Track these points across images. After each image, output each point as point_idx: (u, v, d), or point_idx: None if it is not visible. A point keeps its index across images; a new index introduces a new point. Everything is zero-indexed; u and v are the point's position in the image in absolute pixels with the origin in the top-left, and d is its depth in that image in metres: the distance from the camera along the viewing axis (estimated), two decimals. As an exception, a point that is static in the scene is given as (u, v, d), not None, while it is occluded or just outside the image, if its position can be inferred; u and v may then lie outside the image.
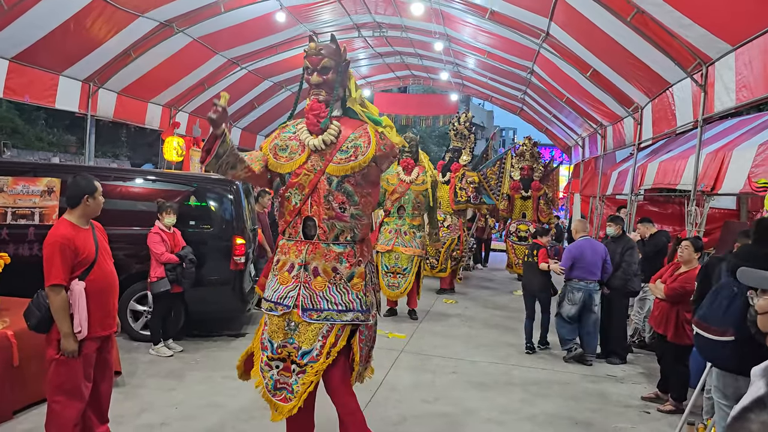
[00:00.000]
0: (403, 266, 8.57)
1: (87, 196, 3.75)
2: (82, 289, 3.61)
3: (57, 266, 3.55)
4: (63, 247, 3.57)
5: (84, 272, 3.66)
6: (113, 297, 3.93)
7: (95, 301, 3.69)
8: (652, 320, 6.01)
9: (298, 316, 3.56)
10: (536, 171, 13.31)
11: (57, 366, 3.63)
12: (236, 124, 16.22)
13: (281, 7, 10.58)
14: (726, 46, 6.13)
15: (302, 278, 3.59)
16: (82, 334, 3.60)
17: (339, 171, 3.62)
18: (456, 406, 5.37)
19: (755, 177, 5.51)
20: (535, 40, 9.66)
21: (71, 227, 3.70)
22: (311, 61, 3.70)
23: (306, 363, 3.55)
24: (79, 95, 9.98)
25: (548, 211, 13.25)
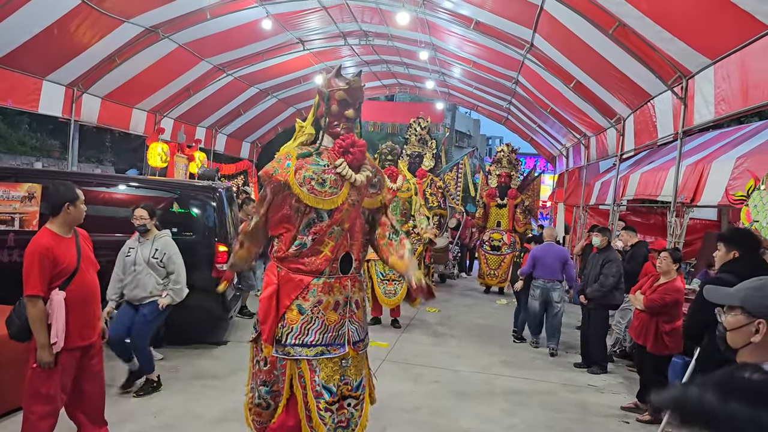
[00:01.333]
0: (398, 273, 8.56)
1: (68, 204, 3.70)
2: (62, 299, 3.56)
3: (35, 277, 3.51)
4: (42, 257, 3.53)
5: (64, 282, 3.62)
6: (94, 306, 3.89)
7: (75, 311, 3.64)
8: (632, 331, 6.07)
9: (352, 351, 3.58)
10: (514, 178, 12.99)
11: (33, 375, 3.59)
12: (222, 131, 16.17)
13: (268, 15, 10.58)
14: (705, 60, 6.23)
15: (348, 314, 3.61)
16: (57, 346, 3.55)
17: (372, 204, 3.78)
18: (437, 416, 5.38)
19: (733, 189, 5.58)
20: (519, 50, 9.74)
21: (52, 237, 3.65)
22: (353, 95, 3.61)
23: (360, 393, 3.63)
24: (62, 100, 9.90)
25: (524, 221, 12.86)
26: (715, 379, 0.86)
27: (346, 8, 11.27)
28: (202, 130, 15.20)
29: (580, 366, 7.30)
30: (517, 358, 7.61)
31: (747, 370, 0.89)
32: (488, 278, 12.78)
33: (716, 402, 0.81)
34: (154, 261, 5.37)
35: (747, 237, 3.79)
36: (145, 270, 5.35)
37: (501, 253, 12.62)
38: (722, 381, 0.86)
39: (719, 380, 0.86)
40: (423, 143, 12.22)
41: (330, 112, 3.63)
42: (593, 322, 7.16)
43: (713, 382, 0.86)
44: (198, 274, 6.71)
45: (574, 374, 7.06)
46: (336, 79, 3.63)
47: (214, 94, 13.51)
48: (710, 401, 0.81)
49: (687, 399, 0.84)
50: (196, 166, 13.28)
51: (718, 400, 0.81)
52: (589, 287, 7.13)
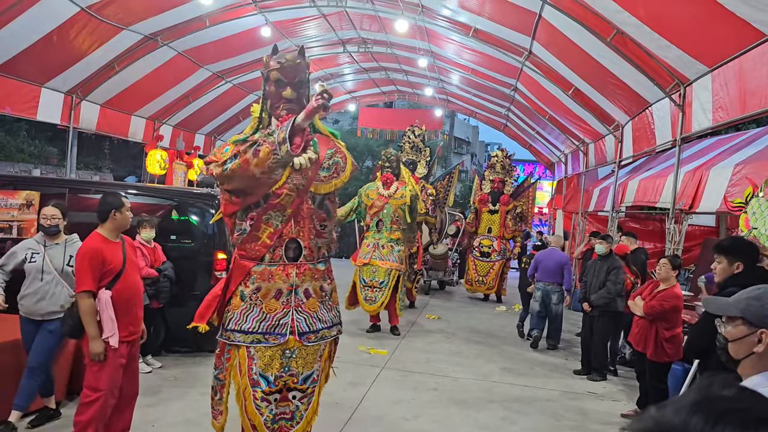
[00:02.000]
0: (380, 280, 8.51)
1: (114, 211, 4.05)
2: (108, 297, 3.87)
3: (86, 274, 3.84)
4: (92, 257, 3.86)
5: (111, 282, 3.93)
6: (138, 305, 4.21)
7: (122, 309, 3.96)
8: (631, 338, 6.05)
9: (296, 342, 3.48)
10: (507, 184, 12.79)
11: (88, 370, 3.93)
12: (221, 138, 16.18)
13: (267, 22, 10.62)
14: (703, 68, 6.25)
15: (293, 303, 3.51)
16: (114, 338, 3.86)
17: (323, 189, 3.60)
18: (437, 424, 5.36)
19: (731, 196, 5.59)
20: (518, 58, 9.77)
21: (102, 239, 4.00)
22: (286, 74, 3.53)
23: (308, 386, 3.54)
24: (61, 107, 9.91)
25: (513, 228, 12.59)
26: (693, 400, 0.81)
27: (345, 16, 11.32)
28: (201, 137, 15.21)
29: (580, 373, 7.29)
30: (516, 365, 7.60)
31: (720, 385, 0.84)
32: (476, 285, 12.51)
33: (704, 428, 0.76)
34: (69, 269, 4.66)
35: (749, 247, 3.75)
36: (57, 280, 4.64)
37: (490, 260, 12.39)
38: (702, 401, 0.80)
39: (698, 400, 0.80)
40: (417, 151, 12.25)
41: (268, 93, 3.60)
42: (596, 329, 7.14)
43: (692, 403, 0.80)
44: (197, 281, 6.71)
45: (573, 381, 7.05)
46: (272, 59, 3.57)
47: (213, 101, 13.54)
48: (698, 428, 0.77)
49: (668, 426, 0.78)
50: (195, 173, 13.28)
51: (705, 426, 0.76)
52: (593, 294, 7.09)
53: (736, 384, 0.83)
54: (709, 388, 0.81)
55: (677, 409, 0.78)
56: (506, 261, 12.55)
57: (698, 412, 0.76)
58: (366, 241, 8.79)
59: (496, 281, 12.38)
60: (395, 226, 8.73)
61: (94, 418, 3.91)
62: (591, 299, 7.10)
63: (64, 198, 6.65)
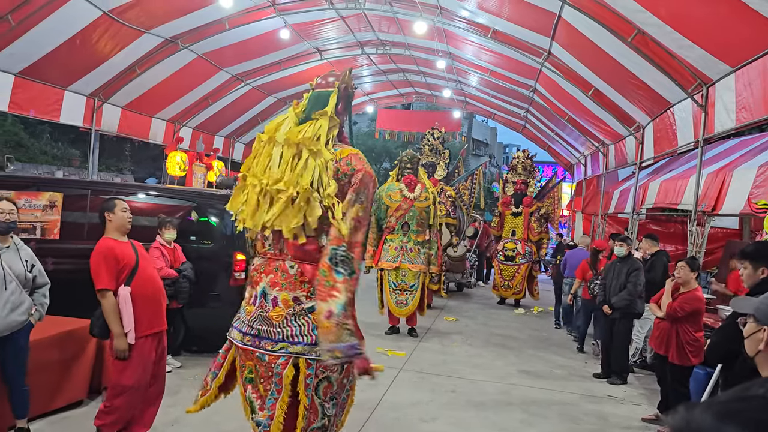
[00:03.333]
0: (411, 283, 8.59)
1: (107, 213, 4.18)
2: (128, 294, 3.99)
3: (103, 273, 3.96)
4: (106, 255, 3.99)
5: (128, 277, 4.05)
6: (160, 298, 4.33)
7: (143, 303, 4.07)
8: (652, 341, 5.99)
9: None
10: (530, 186, 12.55)
11: (113, 366, 4.06)
12: (240, 140, 16.30)
13: (285, 25, 10.69)
14: (726, 68, 6.17)
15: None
16: (131, 334, 3.96)
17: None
18: (454, 426, 5.34)
19: (755, 198, 5.50)
20: (537, 59, 9.72)
21: (110, 239, 4.14)
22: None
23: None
24: (83, 110, 10.07)
25: (539, 230, 12.30)
26: (723, 399, 0.82)
27: (364, 18, 11.34)
28: (221, 139, 15.34)
29: (600, 377, 7.21)
30: (535, 367, 7.54)
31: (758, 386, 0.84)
32: (502, 290, 12.29)
33: (710, 424, 0.77)
34: (31, 276, 4.28)
35: None
36: (19, 289, 4.14)
37: (515, 264, 12.14)
38: (727, 401, 0.81)
39: (725, 400, 0.81)
40: (436, 153, 12.23)
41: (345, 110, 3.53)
42: (617, 331, 7.04)
43: (719, 402, 0.81)
44: (216, 282, 6.76)
45: (593, 384, 6.98)
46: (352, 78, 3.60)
47: (233, 104, 13.65)
48: (707, 426, 0.77)
49: (688, 424, 0.79)
50: (214, 174, 13.39)
51: (713, 424, 0.76)
52: (614, 296, 6.99)
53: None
54: (749, 388, 0.82)
55: (705, 405, 0.79)
56: (532, 264, 12.34)
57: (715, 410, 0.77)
58: (392, 244, 8.77)
59: (522, 285, 12.13)
60: (420, 228, 8.75)
61: (119, 416, 4.01)
62: (612, 301, 7.02)
63: (87, 199, 6.73)
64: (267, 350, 3.18)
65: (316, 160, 3.23)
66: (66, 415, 4.87)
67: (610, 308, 7.04)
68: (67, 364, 4.94)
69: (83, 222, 6.66)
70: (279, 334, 3.17)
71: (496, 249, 12.66)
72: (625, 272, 7.00)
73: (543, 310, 12.10)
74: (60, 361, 4.86)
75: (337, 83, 3.48)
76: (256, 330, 3.25)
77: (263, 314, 3.24)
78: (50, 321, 5.13)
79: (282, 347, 3.16)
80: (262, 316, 3.25)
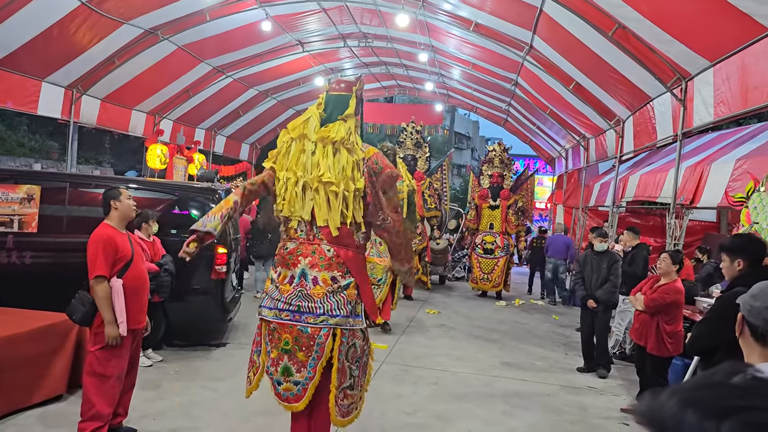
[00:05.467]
0: (378, 277, 8.40)
1: (113, 201, 4.21)
2: (120, 285, 4.03)
3: (100, 260, 3.98)
4: (105, 244, 4.02)
5: (122, 270, 4.09)
6: (145, 294, 4.38)
7: (130, 297, 4.11)
8: (632, 332, 6.06)
9: None
10: (506, 179, 12.52)
11: (92, 358, 4.04)
12: (221, 132, 16.18)
13: (267, 17, 10.61)
14: (705, 62, 6.24)
15: None
16: (123, 325, 4.00)
17: None
18: (437, 418, 5.37)
19: (732, 191, 5.59)
20: (518, 52, 9.76)
21: (111, 229, 4.16)
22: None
23: None
24: (62, 102, 9.91)
25: (516, 222, 12.42)
26: (687, 386, 0.84)
27: (346, 10, 11.29)
28: (202, 132, 15.21)
29: (583, 370, 7.24)
30: (516, 359, 7.61)
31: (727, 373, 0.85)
32: (481, 283, 12.28)
33: (673, 411, 0.79)
34: None
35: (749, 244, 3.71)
36: None
37: (494, 257, 12.15)
38: (691, 388, 0.83)
39: (689, 387, 0.83)
40: (418, 146, 12.24)
41: (358, 113, 3.95)
42: (601, 323, 7.07)
43: (683, 389, 0.83)
44: (197, 275, 6.72)
45: (573, 376, 7.06)
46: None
47: (214, 96, 13.53)
48: (670, 412, 0.79)
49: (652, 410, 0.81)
50: (195, 167, 13.28)
51: (676, 411, 0.78)
52: (599, 290, 6.97)
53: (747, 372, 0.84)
54: (713, 374, 0.83)
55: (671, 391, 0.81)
56: (510, 257, 12.41)
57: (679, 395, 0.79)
58: None
59: (501, 278, 12.17)
60: None
61: (109, 404, 4.05)
62: (597, 295, 6.99)
63: (65, 192, 6.64)
64: (309, 323, 3.65)
65: (352, 156, 3.77)
66: (45, 410, 4.82)
67: (595, 302, 7.02)
68: (46, 358, 4.89)
69: (62, 215, 6.57)
70: (320, 309, 3.66)
71: (474, 242, 12.63)
72: (605, 265, 7.04)
73: (524, 302, 12.20)
74: (39, 355, 4.80)
75: (354, 88, 3.93)
76: (295, 306, 3.69)
77: (303, 292, 3.70)
78: (29, 315, 5.08)
79: (323, 320, 3.66)
80: (302, 293, 3.70)
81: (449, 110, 31.40)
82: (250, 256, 10.66)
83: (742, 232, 4.27)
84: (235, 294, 7.82)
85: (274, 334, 3.76)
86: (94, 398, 4.02)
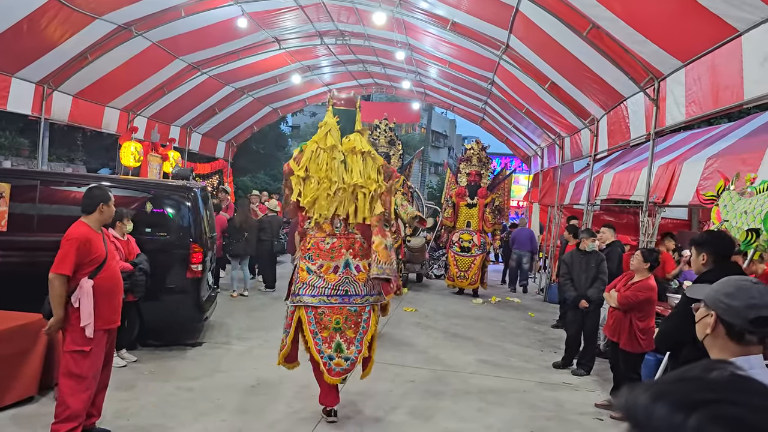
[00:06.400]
0: None
1: (102, 204, 4.17)
2: (90, 287, 3.99)
3: (69, 260, 3.95)
4: (81, 244, 3.99)
5: (94, 271, 4.06)
6: (119, 295, 4.36)
7: (104, 298, 4.09)
8: (606, 329, 6.14)
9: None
10: (484, 177, 12.64)
11: (68, 358, 4.01)
12: (196, 130, 16.00)
13: (243, 13, 10.51)
14: (677, 63, 6.34)
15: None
16: (90, 327, 3.96)
17: None
18: (413, 416, 5.39)
19: (703, 190, 5.68)
20: (495, 51, 9.80)
21: (88, 229, 4.12)
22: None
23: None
24: (32, 98, 9.70)
25: (493, 221, 12.53)
26: (662, 380, 0.85)
27: (323, 7, 11.24)
28: (177, 129, 15.03)
29: (558, 366, 7.30)
30: (493, 356, 7.66)
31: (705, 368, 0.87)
32: (458, 280, 12.34)
33: (644, 404, 0.80)
34: None
35: (715, 239, 3.80)
36: None
37: (471, 255, 12.22)
38: (665, 382, 0.85)
39: (664, 381, 0.85)
40: (391, 143, 12.24)
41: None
42: (591, 322, 7.07)
43: (657, 383, 0.85)
44: (172, 274, 6.65)
45: (549, 372, 7.13)
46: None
47: (189, 93, 13.37)
48: (641, 405, 0.81)
49: (626, 403, 0.83)
50: (170, 165, 13.12)
51: (646, 404, 0.80)
52: (591, 289, 6.97)
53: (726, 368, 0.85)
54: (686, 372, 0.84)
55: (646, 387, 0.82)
56: (486, 255, 12.49)
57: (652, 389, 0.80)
58: None
59: (478, 275, 12.24)
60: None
61: (84, 405, 4.03)
62: (589, 294, 6.98)
63: (36, 190, 6.52)
64: (357, 303, 4.75)
65: (375, 163, 4.89)
66: (17, 412, 4.73)
67: (587, 301, 7.00)
68: (16, 359, 4.80)
69: (33, 214, 6.46)
70: (364, 291, 4.78)
71: (451, 240, 12.66)
72: (594, 264, 7.09)
73: (501, 299, 12.28)
74: (9, 356, 4.72)
75: (357, 104, 5.34)
76: (343, 291, 4.71)
77: (349, 278, 4.75)
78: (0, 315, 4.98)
79: (366, 299, 4.79)
80: (349, 280, 4.74)
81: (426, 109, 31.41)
82: (226, 255, 10.58)
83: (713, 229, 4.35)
84: (212, 293, 7.76)
85: (323, 318, 4.66)
86: (69, 399, 3.98)
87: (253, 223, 10.61)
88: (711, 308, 1.90)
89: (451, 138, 51.78)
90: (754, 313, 1.79)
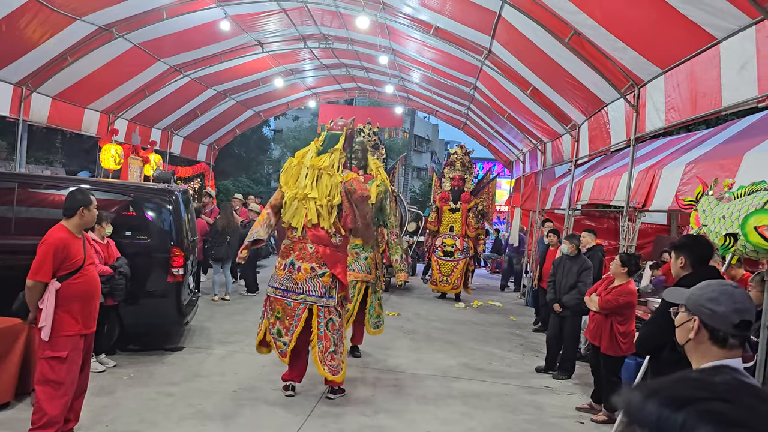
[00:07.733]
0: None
1: (83, 208, 4.11)
2: (54, 290, 3.94)
3: (47, 267, 3.91)
4: (58, 249, 3.94)
5: (68, 275, 4.00)
6: (96, 300, 4.30)
7: (82, 302, 4.07)
8: (587, 333, 6.18)
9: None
10: (467, 182, 12.70)
11: (44, 364, 3.96)
12: (178, 133, 15.89)
13: (226, 16, 10.46)
14: (656, 70, 6.42)
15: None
16: (46, 330, 3.90)
17: None
18: (396, 420, 5.38)
19: (682, 195, 5.75)
20: (477, 57, 9.86)
21: (68, 233, 4.06)
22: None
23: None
24: (10, 99, 9.56)
25: (476, 226, 12.62)
26: (660, 381, 0.87)
27: (306, 11, 11.23)
28: (158, 132, 14.91)
29: (541, 369, 7.34)
30: (475, 360, 7.68)
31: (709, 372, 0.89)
32: (441, 285, 12.38)
33: (637, 401, 0.82)
34: None
35: (693, 243, 3.86)
36: None
37: (454, 259, 12.27)
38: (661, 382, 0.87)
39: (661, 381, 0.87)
40: (375, 148, 12.26)
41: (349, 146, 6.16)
42: (568, 328, 7.11)
43: (654, 383, 0.87)
44: (153, 278, 6.58)
45: (530, 376, 7.16)
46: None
47: (171, 95, 13.27)
48: (635, 402, 0.82)
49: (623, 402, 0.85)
50: (151, 168, 13.01)
51: (640, 401, 0.82)
52: (566, 295, 7.03)
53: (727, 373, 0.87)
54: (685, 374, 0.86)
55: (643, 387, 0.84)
56: (469, 259, 12.55)
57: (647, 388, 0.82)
58: None
59: (460, 280, 12.29)
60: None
61: (61, 411, 3.99)
62: (563, 300, 7.06)
63: (14, 192, 6.42)
64: (291, 299, 5.45)
65: (332, 180, 5.43)
66: (-9, 419, 4.65)
67: (561, 306, 7.10)
68: (-7, 365, 4.72)
69: (10, 216, 6.36)
70: (300, 290, 5.43)
71: (434, 244, 12.70)
72: (576, 271, 7.11)
73: (483, 304, 12.33)
74: (-15, 361, 4.63)
75: (345, 128, 5.73)
76: (285, 286, 5.48)
77: (291, 276, 5.46)
78: (-26, 320, 4.89)
79: (302, 298, 5.43)
80: (289, 277, 5.46)
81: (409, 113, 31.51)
82: (208, 259, 10.50)
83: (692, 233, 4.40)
84: (192, 297, 7.69)
85: (273, 305, 5.53)
86: (46, 406, 3.92)
87: (235, 226, 10.55)
88: (694, 313, 1.89)
89: (433, 143, 51.92)
90: (739, 317, 1.81)
